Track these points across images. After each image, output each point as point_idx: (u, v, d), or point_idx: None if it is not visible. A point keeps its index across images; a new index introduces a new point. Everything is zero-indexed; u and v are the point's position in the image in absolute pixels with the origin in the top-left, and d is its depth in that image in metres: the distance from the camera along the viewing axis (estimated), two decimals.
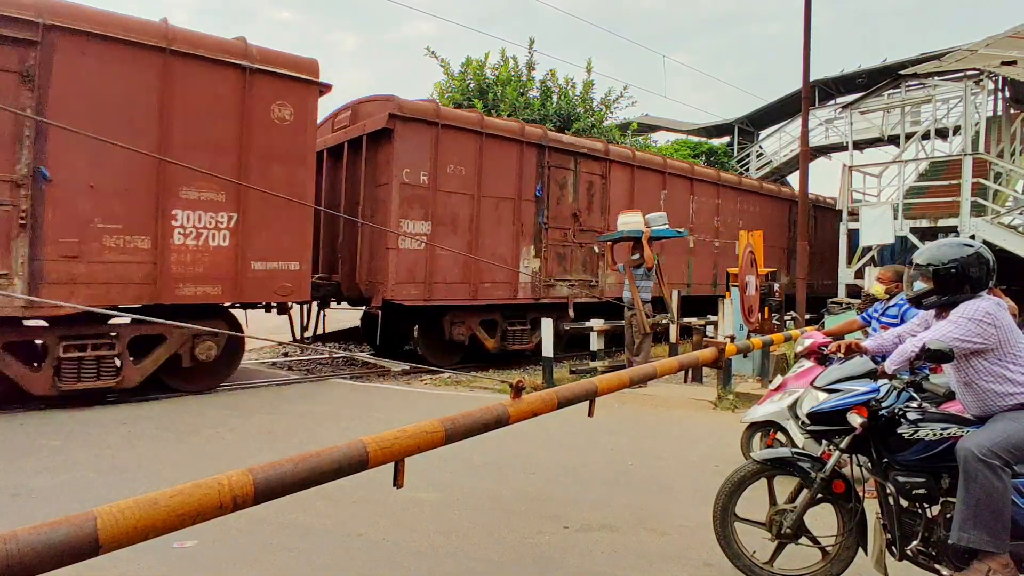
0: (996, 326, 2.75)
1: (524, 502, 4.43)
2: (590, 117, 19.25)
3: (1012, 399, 2.75)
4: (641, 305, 8.69)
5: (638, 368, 4.06)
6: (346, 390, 8.60)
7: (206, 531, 3.25)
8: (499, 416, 2.70)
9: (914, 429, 2.82)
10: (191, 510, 1.74)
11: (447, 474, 4.91)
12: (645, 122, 26.81)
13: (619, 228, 9.29)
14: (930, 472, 2.81)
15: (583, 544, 3.77)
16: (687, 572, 3.45)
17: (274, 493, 1.93)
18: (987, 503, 2.57)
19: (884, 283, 5.19)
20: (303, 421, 6.68)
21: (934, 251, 2.96)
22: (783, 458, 3.22)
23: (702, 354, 4.93)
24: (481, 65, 18.62)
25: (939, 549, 2.79)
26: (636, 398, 7.92)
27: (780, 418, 4.90)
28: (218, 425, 6.36)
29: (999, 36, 16.67)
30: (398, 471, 2.33)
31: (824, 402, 3.00)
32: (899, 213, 13.46)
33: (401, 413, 7.15)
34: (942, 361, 2.72)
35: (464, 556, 3.58)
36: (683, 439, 6.38)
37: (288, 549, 3.59)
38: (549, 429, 6.21)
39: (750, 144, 25.93)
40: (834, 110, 22.13)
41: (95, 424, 6.23)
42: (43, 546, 1.50)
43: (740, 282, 8.88)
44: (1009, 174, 14.81)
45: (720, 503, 3.25)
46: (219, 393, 8.01)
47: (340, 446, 2.13)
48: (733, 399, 7.84)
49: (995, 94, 17.25)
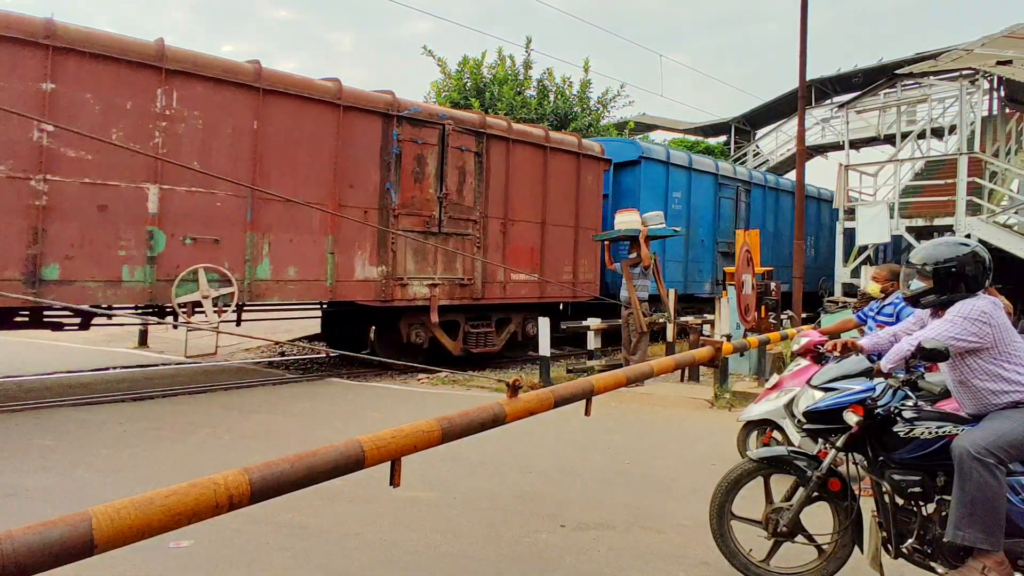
0: (992, 325, 2.76)
1: (521, 501, 4.43)
2: (587, 116, 19.27)
3: (1007, 397, 2.76)
4: (638, 304, 8.69)
5: (635, 367, 4.07)
6: (342, 389, 8.59)
7: (202, 531, 3.25)
8: (496, 415, 2.70)
9: (910, 427, 2.83)
10: (187, 510, 1.74)
11: (444, 473, 4.91)
12: (642, 121, 26.83)
13: (616, 227, 9.30)
14: (925, 470, 2.82)
15: (580, 543, 3.77)
16: (684, 570, 3.45)
17: (270, 493, 1.93)
18: (982, 501, 2.58)
19: (880, 282, 5.20)
20: (299, 420, 6.67)
21: (931, 250, 2.97)
22: (779, 457, 3.23)
23: (699, 353, 4.94)
24: (478, 64, 18.62)
25: (934, 547, 2.80)
26: (633, 397, 7.92)
27: (776, 417, 4.91)
28: (215, 424, 6.35)
29: (995, 36, 16.75)
30: (395, 470, 2.33)
31: (820, 401, 3.01)
32: (895, 212, 13.49)
33: (398, 412, 7.14)
34: (938, 360, 2.73)
35: (461, 555, 3.57)
36: (680, 438, 6.39)
37: (285, 549, 3.59)
38: (546, 428, 6.21)
39: (747, 143, 25.97)
40: (831, 109, 22.17)
41: (91, 424, 6.21)
42: (38, 546, 1.50)
43: (736, 281, 8.90)
44: (1004, 173, 14.85)
45: (717, 501, 3.25)
46: (216, 392, 7.99)
47: (336, 445, 2.13)
48: (730, 398, 7.85)
49: (990, 94, 17.32)
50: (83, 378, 8.82)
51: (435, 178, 9.74)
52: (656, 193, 13.30)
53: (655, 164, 13.44)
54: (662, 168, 13.53)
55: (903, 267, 3.12)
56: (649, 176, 13.23)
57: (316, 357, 11.38)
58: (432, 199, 9.71)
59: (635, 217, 9.11)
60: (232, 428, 6.26)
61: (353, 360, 11.14)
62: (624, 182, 13.26)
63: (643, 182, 13.06)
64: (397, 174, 9.30)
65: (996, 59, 14.15)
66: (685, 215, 13.94)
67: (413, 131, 9.47)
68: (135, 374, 9.33)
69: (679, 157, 14.30)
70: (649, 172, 13.30)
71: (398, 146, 9.30)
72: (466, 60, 18.68)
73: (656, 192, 13.32)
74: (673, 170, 13.71)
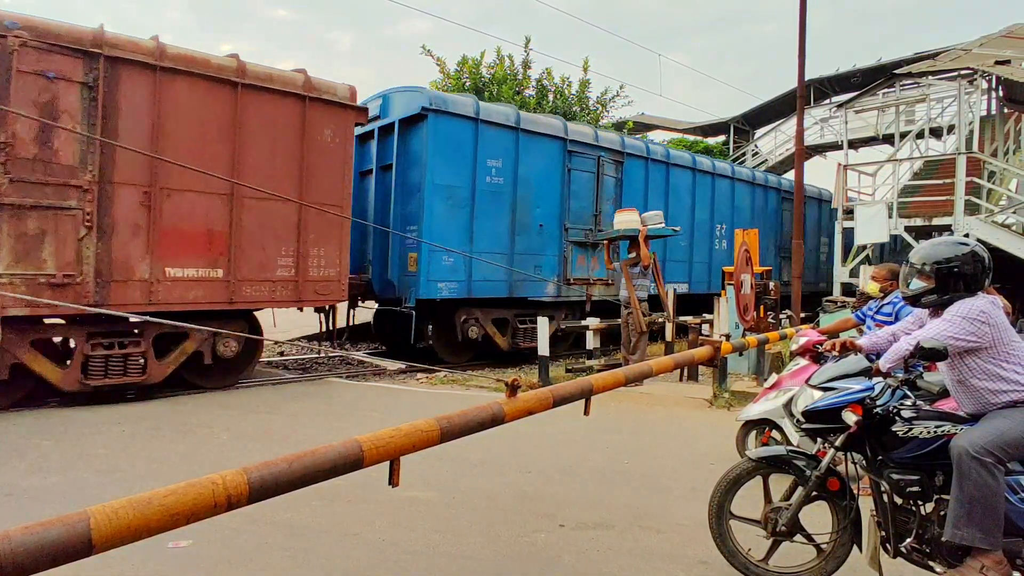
0: (990, 324, 2.76)
1: (520, 501, 4.43)
2: (586, 116, 19.27)
3: (1005, 396, 2.76)
4: (637, 304, 8.70)
5: (634, 367, 4.07)
6: (341, 389, 8.58)
7: (201, 531, 3.24)
8: (495, 415, 2.70)
9: (908, 427, 2.83)
10: (185, 509, 1.74)
11: (443, 473, 4.91)
12: (641, 121, 26.85)
13: (615, 227, 9.30)
14: (924, 470, 2.82)
15: (579, 542, 3.77)
16: (683, 570, 3.45)
17: (269, 492, 1.93)
18: (981, 500, 2.58)
19: (879, 281, 5.21)
20: (298, 420, 6.67)
21: (930, 249, 2.97)
22: (778, 456, 3.23)
23: (698, 353, 4.95)
24: (477, 64, 18.61)
25: (933, 546, 2.80)
26: (632, 396, 7.93)
27: (775, 416, 4.91)
28: (213, 424, 6.34)
29: (993, 36, 16.77)
30: (393, 470, 2.33)
31: (819, 400, 3.01)
32: (894, 212, 13.50)
33: (397, 412, 7.14)
34: (936, 359, 2.73)
35: (460, 555, 3.57)
36: (679, 437, 6.39)
37: (283, 548, 3.58)
38: (545, 428, 6.21)
39: (746, 143, 25.98)
40: (829, 109, 22.18)
41: (89, 424, 6.20)
42: (36, 546, 1.50)
43: (735, 280, 8.90)
44: (1003, 173, 14.87)
45: (716, 501, 3.26)
46: (214, 392, 7.98)
47: (335, 445, 2.13)
48: (729, 397, 7.86)
49: (989, 93, 17.34)
50: None
51: None
52: (455, 159, 10.07)
53: (452, 120, 10.03)
54: (467, 126, 10.18)
55: (902, 266, 3.12)
56: (442, 136, 9.91)
57: (316, 357, 11.38)
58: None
59: (634, 217, 9.10)
60: (231, 428, 6.26)
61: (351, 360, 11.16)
62: (412, 145, 10.14)
63: (431, 144, 9.80)
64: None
65: (994, 59, 14.17)
66: (510, 191, 10.71)
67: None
68: None
69: (496, 113, 10.76)
70: (442, 130, 9.91)
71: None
72: (465, 60, 18.67)
73: (456, 158, 10.07)
74: (487, 129, 10.42)
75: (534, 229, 11.16)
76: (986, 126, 16.93)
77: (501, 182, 10.67)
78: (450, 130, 10.04)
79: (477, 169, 10.32)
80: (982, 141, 16.21)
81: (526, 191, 11.02)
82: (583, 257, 12.04)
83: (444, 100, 10.24)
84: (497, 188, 10.63)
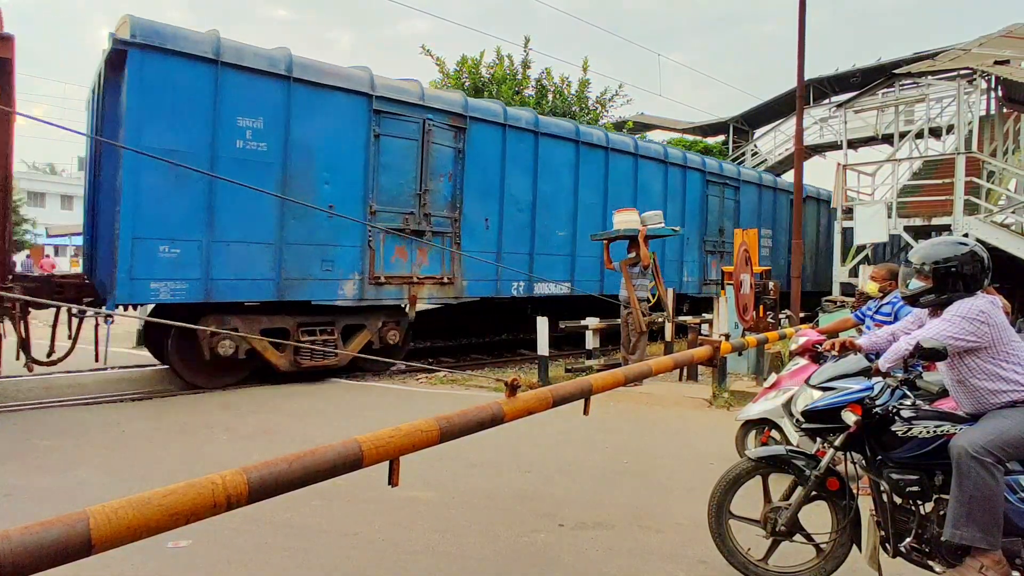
0: (990, 324, 2.76)
1: (520, 500, 4.43)
2: (585, 116, 19.27)
3: (1005, 396, 2.76)
4: (637, 303, 8.70)
5: (633, 366, 4.07)
6: (341, 389, 8.58)
7: (201, 531, 3.24)
8: (494, 414, 2.70)
9: (908, 427, 2.83)
10: (185, 509, 1.73)
11: (442, 473, 4.91)
12: (641, 120, 26.85)
13: (615, 227, 9.29)
14: (924, 469, 2.83)
15: (579, 542, 3.77)
16: (682, 569, 3.45)
17: (268, 492, 1.93)
18: (980, 500, 2.58)
19: (878, 281, 5.22)
20: (298, 420, 6.66)
21: (930, 249, 2.98)
22: (778, 456, 3.23)
23: (697, 352, 4.95)
24: (476, 64, 18.61)
25: (932, 546, 2.81)
26: (631, 396, 7.93)
27: (775, 416, 4.91)
28: (212, 424, 6.34)
29: (992, 35, 16.78)
30: (393, 470, 2.33)
31: (818, 400, 3.01)
32: (893, 211, 13.51)
33: (396, 412, 7.14)
34: (936, 359, 2.73)
35: (459, 555, 3.57)
36: (678, 437, 6.39)
37: (283, 548, 3.58)
38: (544, 427, 6.21)
39: (745, 143, 25.98)
40: (829, 109, 22.18)
41: (90, 424, 6.20)
42: (36, 546, 1.50)
43: (735, 280, 8.91)
44: (1002, 173, 14.88)
45: (715, 501, 3.26)
46: (213, 392, 7.98)
47: (334, 445, 2.13)
48: (728, 397, 7.86)
49: (988, 93, 17.32)
50: (82, 378, 8.82)
51: None
52: (182, 115, 7.47)
53: (175, 60, 7.43)
54: (202, 70, 7.59)
55: (902, 266, 3.12)
56: (155, 82, 7.31)
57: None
58: None
59: (634, 216, 9.10)
60: (230, 428, 6.26)
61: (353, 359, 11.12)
62: (119, 96, 7.70)
63: (136, 92, 7.22)
64: None
65: (994, 59, 14.18)
66: (278, 161, 8.16)
67: None
68: (134, 374, 9.33)
69: (252, 56, 8.01)
70: (154, 74, 7.31)
71: None
72: (464, 60, 18.67)
73: (183, 113, 7.47)
74: (237, 75, 7.84)
75: (319, 212, 8.36)
76: (985, 126, 16.92)
77: (263, 148, 8.06)
78: (170, 75, 7.41)
79: (219, 130, 7.74)
80: (981, 141, 16.21)
81: (305, 162, 8.43)
82: (403, 248, 9.43)
83: (160, 33, 7.41)
84: (256, 156, 8.02)
